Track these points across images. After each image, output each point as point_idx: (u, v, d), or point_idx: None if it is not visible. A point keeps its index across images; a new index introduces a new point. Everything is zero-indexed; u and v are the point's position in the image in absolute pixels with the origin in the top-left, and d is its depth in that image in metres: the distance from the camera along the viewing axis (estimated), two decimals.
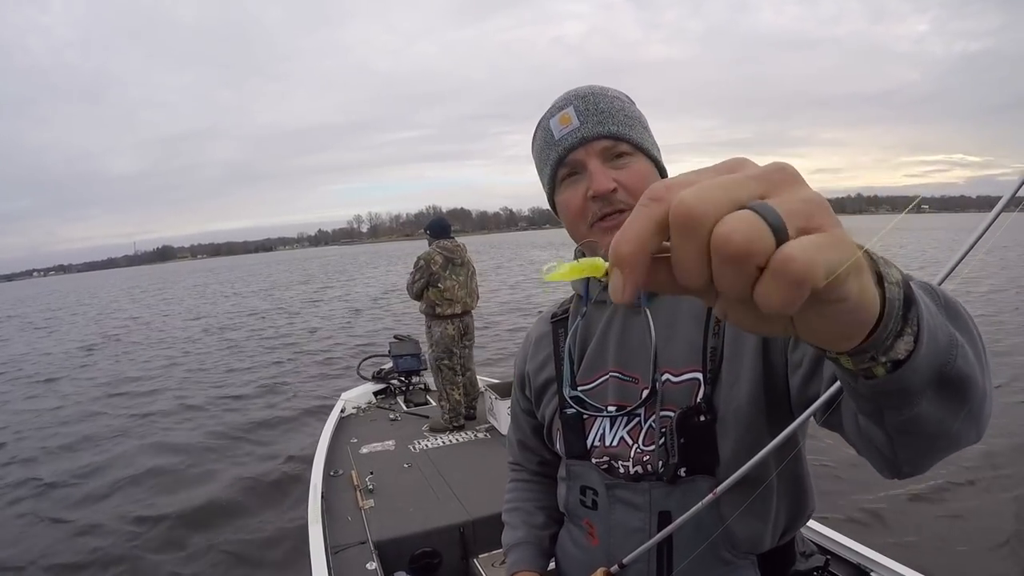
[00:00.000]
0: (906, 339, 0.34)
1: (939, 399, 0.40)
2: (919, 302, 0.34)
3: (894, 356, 0.34)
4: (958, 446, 0.46)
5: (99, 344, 13.60)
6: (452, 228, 4.35)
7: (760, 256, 0.23)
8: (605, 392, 0.85)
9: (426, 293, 4.05)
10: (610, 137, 0.79)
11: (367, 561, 2.25)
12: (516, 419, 1.07)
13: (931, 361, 0.36)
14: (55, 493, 4.73)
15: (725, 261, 0.24)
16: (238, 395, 7.65)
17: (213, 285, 35.70)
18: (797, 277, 0.23)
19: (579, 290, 0.92)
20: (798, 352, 0.66)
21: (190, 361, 10.43)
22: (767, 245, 0.23)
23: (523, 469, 1.09)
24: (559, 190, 0.83)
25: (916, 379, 0.36)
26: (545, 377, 0.95)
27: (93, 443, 6.01)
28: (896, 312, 0.32)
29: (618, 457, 0.82)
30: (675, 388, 0.78)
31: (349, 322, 13.78)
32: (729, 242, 0.23)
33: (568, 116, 0.79)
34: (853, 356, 0.33)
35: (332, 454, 3.50)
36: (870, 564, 1.81)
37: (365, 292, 21.00)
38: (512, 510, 1.05)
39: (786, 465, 0.77)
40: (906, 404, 0.39)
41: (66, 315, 23.87)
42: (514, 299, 15.16)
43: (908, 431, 0.42)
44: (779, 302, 0.24)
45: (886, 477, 0.54)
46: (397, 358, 4.97)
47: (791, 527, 0.80)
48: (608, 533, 0.83)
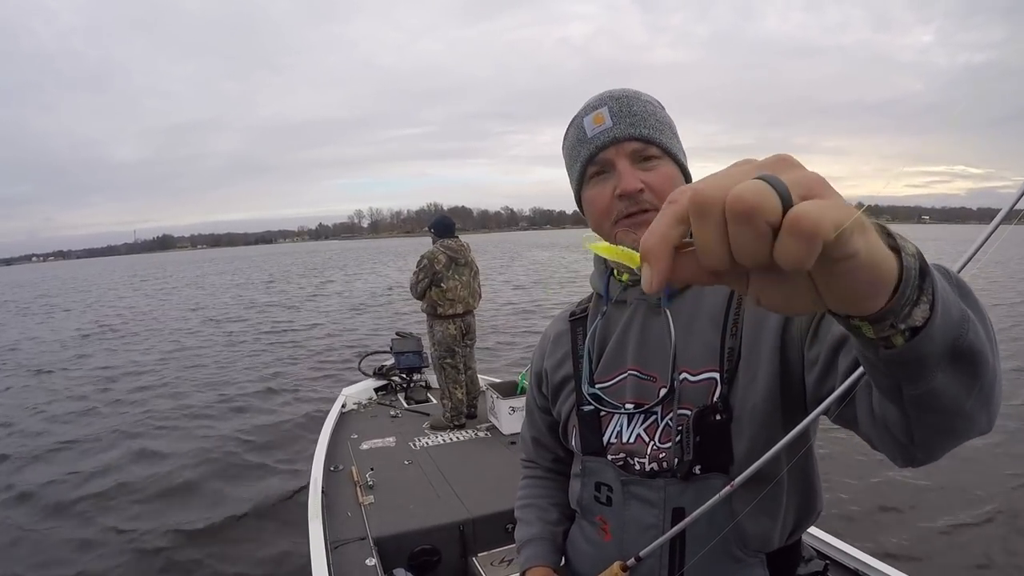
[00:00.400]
0: (922, 307, 0.36)
1: (953, 372, 0.42)
2: (933, 274, 0.37)
3: (912, 323, 0.36)
4: (970, 430, 0.48)
5: (95, 332, 13.55)
6: (455, 226, 4.35)
7: (769, 213, 0.26)
8: (623, 390, 0.86)
9: (428, 293, 4.05)
10: (641, 140, 0.81)
11: (366, 557, 2.26)
12: (531, 416, 1.09)
13: (946, 332, 0.39)
14: (35, 500, 4.47)
15: (738, 221, 0.27)
16: (237, 388, 7.64)
17: (211, 276, 35.66)
18: (809, 230, 0.26)
19: (599, 289, 0.94)
20: (815, 349, 0.68)
21: (186, 354, 10.41)
22: (774, 204, 0.26)
23: (537, 466, 1.11)
24: (587, 187, 0.85)
25: (932, 348, 0.39)
26: (563, 374, 0.97)
27: (86, 428, 6.01)
28: (913, 280, 0.35)
29: (634, 454, 0.84)
30: (692, 387, 0.79)
31: (350, 318, 13.78)
32: (740, 200, 0.26)
33: (602, 116, 0.82)
34: (874, 324, 0.36)
35: (332, 450, 3.50)
36: (868, 570, 1.83)
37: (367, 288, 20.98)
38: (525, 506, 1.06)
39: (797, 463, 0.79)
40: (923, 376, 0.41)
41: (64, 301, 23.80)
42: (522, 300, 15.16)
43: (924, 406, 0.44)
44: (796, 256, 0.26)
45: (900, 465, 0.56)
46: (399, 355, 4.98)
47: (799, 526, 0.82)
48: (622, 529, 0.85)
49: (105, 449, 5.47)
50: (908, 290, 0.35)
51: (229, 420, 6.31)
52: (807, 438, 0.80)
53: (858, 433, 0.61)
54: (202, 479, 4.69)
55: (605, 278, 0.92)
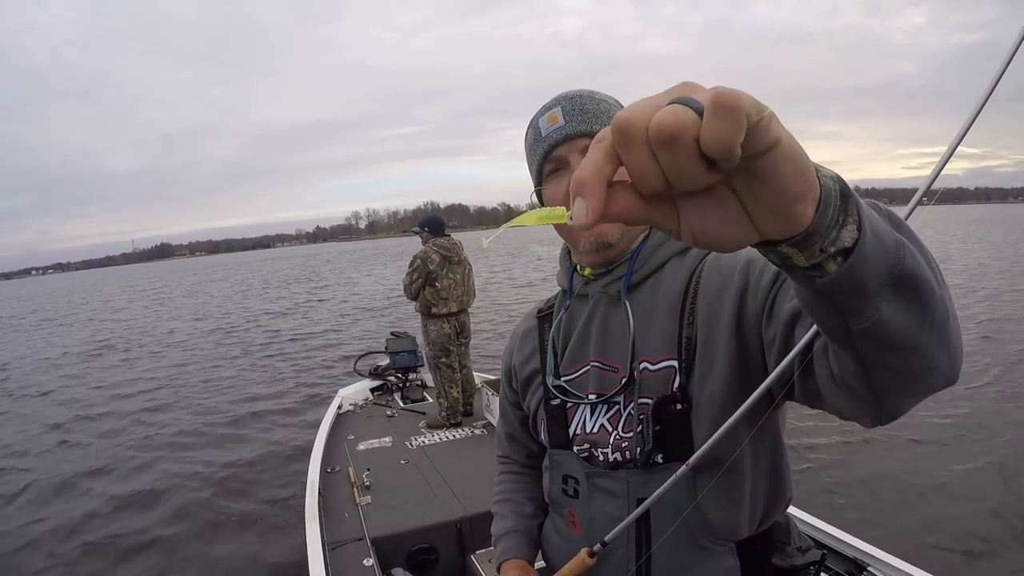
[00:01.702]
0: (849, 228, 0.36)
1: (898, 301, 0.41)
2: (856, 196, 0.37)
3: (841, 244, 0.36)
4: (932, 372, 0.46)
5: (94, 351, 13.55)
6: (449, 224, 4.34)
7: (691, 128, 0.27)
8: (587, 381, 0.88)
9: (422, 292, 4.05)
10: (592, 136, 0.81)
11: (364, 557, 2.27)
12: (504, 413, 1.11)
13: (880, 256, 0.38)
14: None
15: (665, 145, 0.27)
16: (232, 389, 7.67)
17: (208, 283, 35.63)
18: (730, 103, 0.26)
19: (563, 284, 0.97)
20: (771, 329, 0.68)
21: (185, 355, 10.44)
22: (694, 119, 0.27)
23: (512, 461, 1.12)
24: (545, 184, 0.87)
25: (868, 274, 0.38)
26: (531, 369, 0.99)
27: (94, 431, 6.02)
28: (834, 199, 0.35)
29: (598, 444, 0.85)
30: (652, 376, 0.81)
31: (346, 318, 13.78)
32: (663, 124, 0.27)
33: (555, 115, 0.84)
34: (804, 250, 0.36)
35: (329, 451, 3.51)
36: (867, 558, 1.83)
37: (365, 290, 20.97)
38: (501, 501, 1.08)
39: (764, 452, 0.79)
40: (865, 306, 0.40)
41: (64, 315, 23.79)
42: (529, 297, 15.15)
43: (875, 342, 0.43)
44: (723, 135, 0.26)
45: (869, 425, 0.54)
46: (394, 355, 4.98)
47: (769, 514, 0.82)
48: (589, 521, 0.86)
49: (99, 446, 5.49)
50: (831, 209, 0.35)
51: (224, 418, 6.34)
52: (774, 424, 0.80)
53: (824, 407, 0.61)
54: (195, 479, 4.70)
55: (569, 274, 0.94)
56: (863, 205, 0.38)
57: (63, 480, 4.97)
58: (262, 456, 5.16)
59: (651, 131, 0.27)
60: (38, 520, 4.23)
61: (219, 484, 4.65)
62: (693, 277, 0.81)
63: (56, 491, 4.77)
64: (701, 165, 0.28)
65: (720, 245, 0.33)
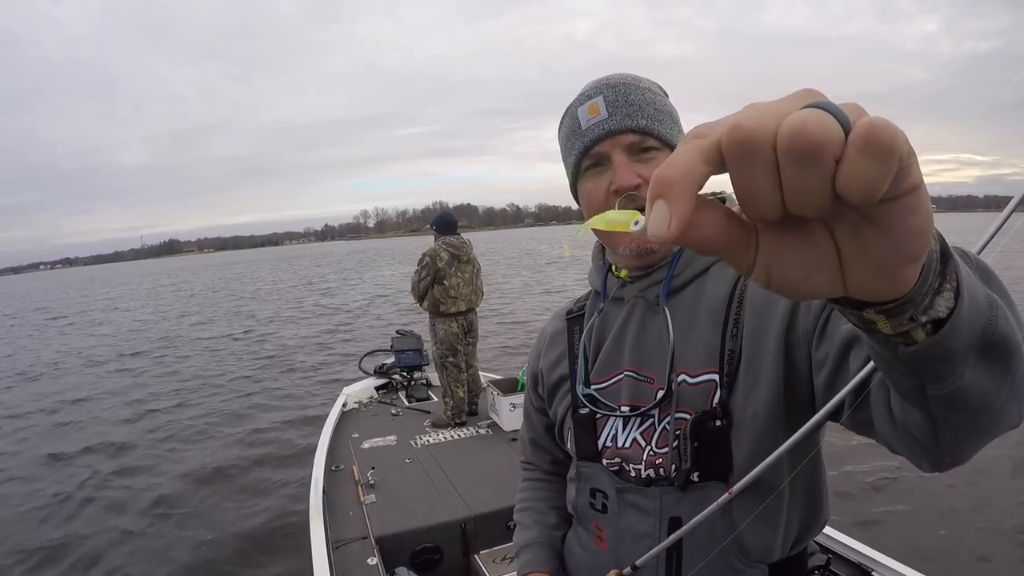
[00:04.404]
0: (946, 295, 0.32)
1: (983, 366, 0.37)
2: (956, 257, 0.32)
3: (935, 314, 0.32)
4: (1000, 426, 0.43)
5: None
6: (458, 224, 4.33)
7: (835, 145, 0.21)
8: (619, 392, 0.82)
9: (431, 290, 4.04)
10: (637, 131, 0.76)
11: (368, 556, 2.25)
12: (528, 417, 1.06)
13: (973, 322, 0.34)
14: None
15: (801, 161, 0.21)
16: (237, 386, 7.68)
17: (220, 280, 35.78)
18: (886, 142, 0.21)
19: (596, 285, 0.90)
20: (822, 349, 0.63)
21: (186, 352, 10.46)
22: (839, 135, 0.21)
23: (536, 468, 1.07)
24: (582, 180, 0.81)
25: (959, 342, 0.34)
26: (558, 375, 0.93)
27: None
28: (934, 264, 0.31)
29: (629, 459, 0.80)
30: (691, 390, 0.75)
31: (352, 316, 13.80)
32: (802, 133, 0.21)
33: (597, 106, 0.77)
34: (891, 317, 0.31)
35: (333, 449, 3.50)
36: (871, 564, 1.80)
37: (371, 289, 21.00)
38: (524, 510, 1.03)
39: (803, 471, 0.74)
40: (949, 373, 0.36)
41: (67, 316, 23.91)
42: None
43: (950, 406, 0.39)
44: (868, 180, 0.21)
45: (925, 470, 0.50)
46: (399, 353, 4.96)
47: (803, 536, 0.78)
48: (617, 538, 0.81)
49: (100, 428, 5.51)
50: (930, 276, 0.30)
51: (227, 414, 6.35)
52: (813, 444, 0.75)
53: (875, 438, 0.56)
54: (201, 480, 4.70)
55: (603, 274, 0.88)
56: (961, 267, 0.33)
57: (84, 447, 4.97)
58: (265, 454, 5.16)
59: (784, 138, 0.21)
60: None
61: (223, 481, 4.65)
62: (738, 284, 0.76)
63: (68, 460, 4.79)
64: (832, 193, 0.22)
65: (797, 293, 0.27)
